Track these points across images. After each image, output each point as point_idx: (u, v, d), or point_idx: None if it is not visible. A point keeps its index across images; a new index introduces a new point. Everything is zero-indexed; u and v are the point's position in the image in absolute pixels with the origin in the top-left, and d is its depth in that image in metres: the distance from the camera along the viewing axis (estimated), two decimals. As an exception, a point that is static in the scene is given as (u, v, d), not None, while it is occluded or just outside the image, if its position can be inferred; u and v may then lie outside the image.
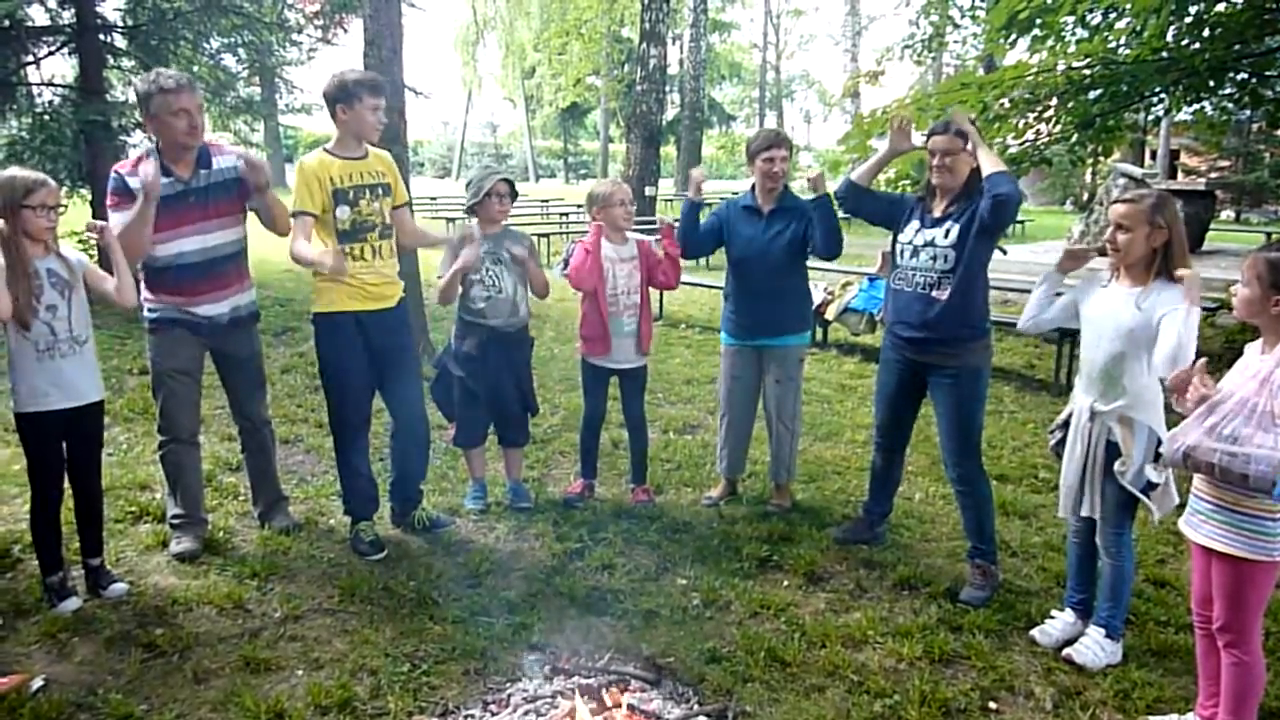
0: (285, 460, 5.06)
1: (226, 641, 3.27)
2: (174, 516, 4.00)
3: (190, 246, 3.81)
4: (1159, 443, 3.07)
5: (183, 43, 10.78)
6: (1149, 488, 3.10)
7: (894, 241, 3.94)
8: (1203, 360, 2.68)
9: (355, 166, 3.90)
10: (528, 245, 4.47)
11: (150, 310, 3.88)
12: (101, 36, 9.70)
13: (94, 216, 9.23)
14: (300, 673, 3.10)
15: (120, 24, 10.14)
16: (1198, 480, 2.71)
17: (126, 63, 10.69)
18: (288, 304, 9.92)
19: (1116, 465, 3.15)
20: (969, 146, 3.69)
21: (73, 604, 3.47)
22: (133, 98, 5.22)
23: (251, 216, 4.08)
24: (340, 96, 3.82)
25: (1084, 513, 3.30)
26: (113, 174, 3.75)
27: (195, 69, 11.28)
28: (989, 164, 3.65)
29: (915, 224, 3.84)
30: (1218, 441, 2.51)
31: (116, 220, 3.65)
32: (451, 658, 3.20)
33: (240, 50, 12.21)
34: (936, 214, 3.79)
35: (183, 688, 2.99)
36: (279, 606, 3.54)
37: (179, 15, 10.21)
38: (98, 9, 9.68)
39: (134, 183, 3.66)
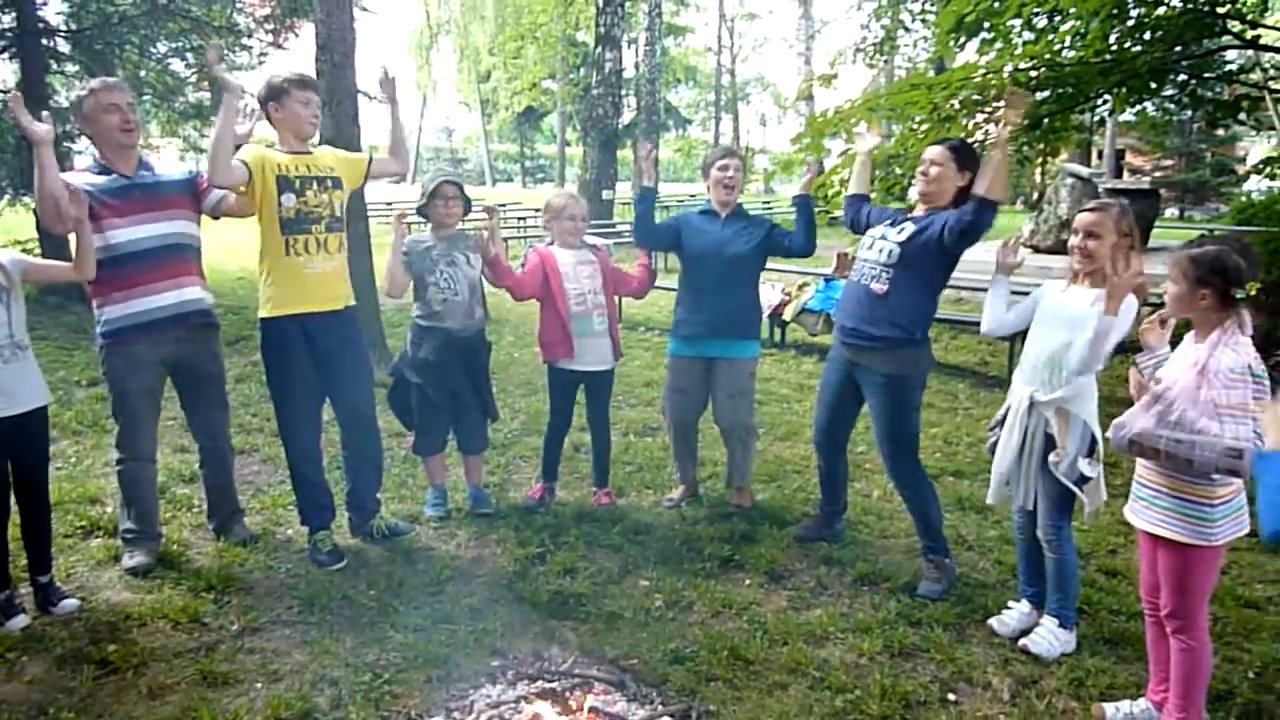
0: (241, 471, 4.98)
1: (182, 656, 3.22)
2: (127, 531, 3.92)
3: (143, 234, 3.74)
4: (1093, 437, 3.15)
5: (128, 47, 10.60)
6: (1082, 480, 3.18)
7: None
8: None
9: (302, 159, 3.89)
10: (479, 240, 4.46)
11: (105, 324, 3.78)
12: (44, 41, 9.50)
13: (36, 225, 9.09)
14: (259, 685, 3.06)
15: (63, 28, 9.94)
16: (1140, 468, 2.79)
17: (70, 68, 10.49)
18: (241, 312, 9.78)
19: (1051, 457, 3.23)
20: (953, 169, 3.67)
21: (20, 621, 3.39)
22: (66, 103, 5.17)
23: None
24: (270, 95, 3.83)
25: (1018, 504, 3.38)
26: None
27: (142, 74, 11.09)
28: (983, 185, 3.53)
29: (887, 222, 3.89)
30: (1164, 428, 2.59)
31: None
32: (414, 665, 3.17)
33: (188, 54, 12.02)
34: (907, 217, 3.85)
35: (137, 704, 2.94)
36: (236, 619, 3.48)
37: (124, 19, 10.04)
38: (39, 13, 9.49)
39: (80, 181, 3.64)
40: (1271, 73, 9.88)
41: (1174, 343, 2.84)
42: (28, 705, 2.91)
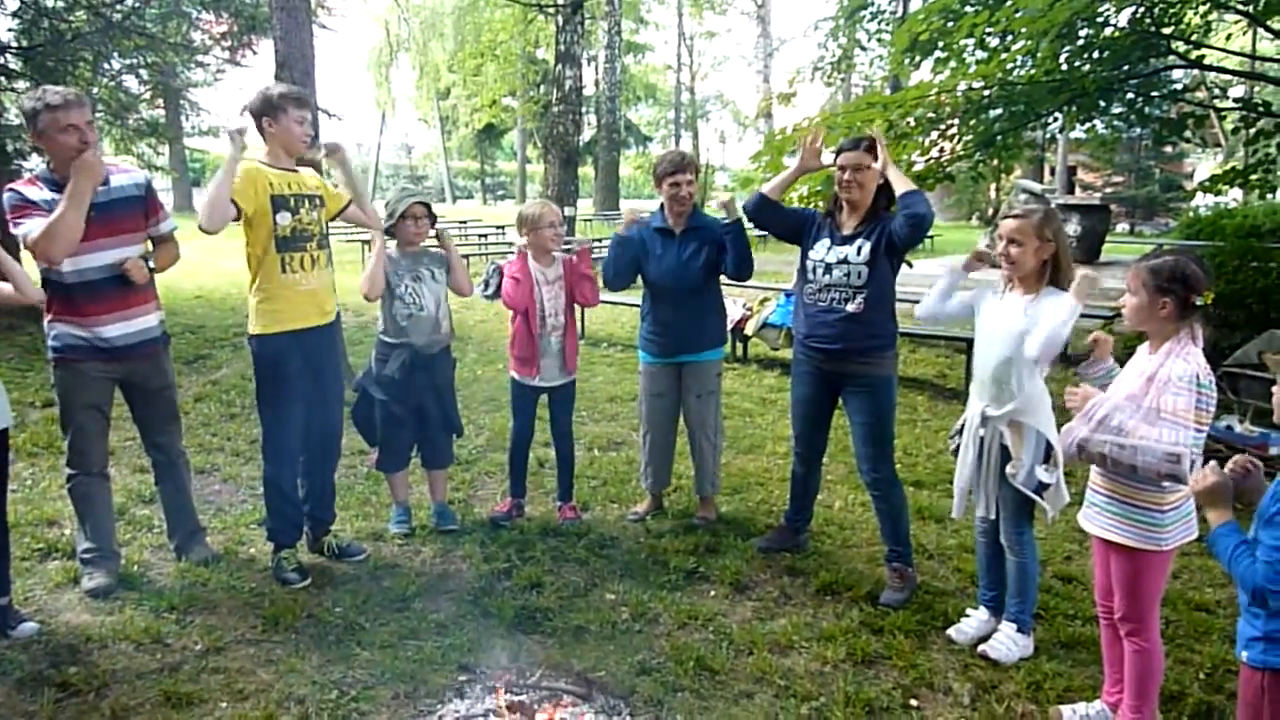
0: (201, 490, 4.94)
1: (145, 677, 3.18)
2: (85, 551, 3.87)
3: (93, 264, 3.68)
4: (1048, 445, 3.24)
5: (81, 64, 10.44)
6: (1041, 488, 3.27)
7: (803, 258, 4.06)
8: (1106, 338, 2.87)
9: (291, 178, 3.91)
10: (444, 257, 4.49)
11: (55, 340, 3.74)
12: (-5, 58, 9.36)
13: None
14: (225, 705, 3.04)
15: (14, 45, 9.78)
16: (1094, 475, 2.88)
17: (21, 84, 10.32)
18: (199, 331, 9.67)
19: (1008, 468, 3.31)
20: (878, 165, 3.83)
21: (-22, 646, 3.34)
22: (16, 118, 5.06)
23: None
24: (265, 110, 3.82)
25: (980, 514, 3.46)
26: (7, 191, 3.60)
27: (95, 91, 10.93)
28: (901, 184, 3.78)
29: (826, 241, 3.96)
30: (1106, 434, 2.67)
31: (26, 227, 3.51)
32: (381, 682, 3.17)
33: (142, 71, 11.89)
34: (846, 231, 3.92)
35: (100, 727, 2.91)
36: (200, 639, 3.45)
37: (78, 36, 9.89)
38: (-10, 30, 9.34)
39: (32, 194, 3.56)
40: (1215, 91, 10.22)
41: (1122, 360, 2.94)
42: (-14, 730, 2.87)
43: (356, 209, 4.24)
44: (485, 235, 19.69)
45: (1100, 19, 7.64)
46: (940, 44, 8.00)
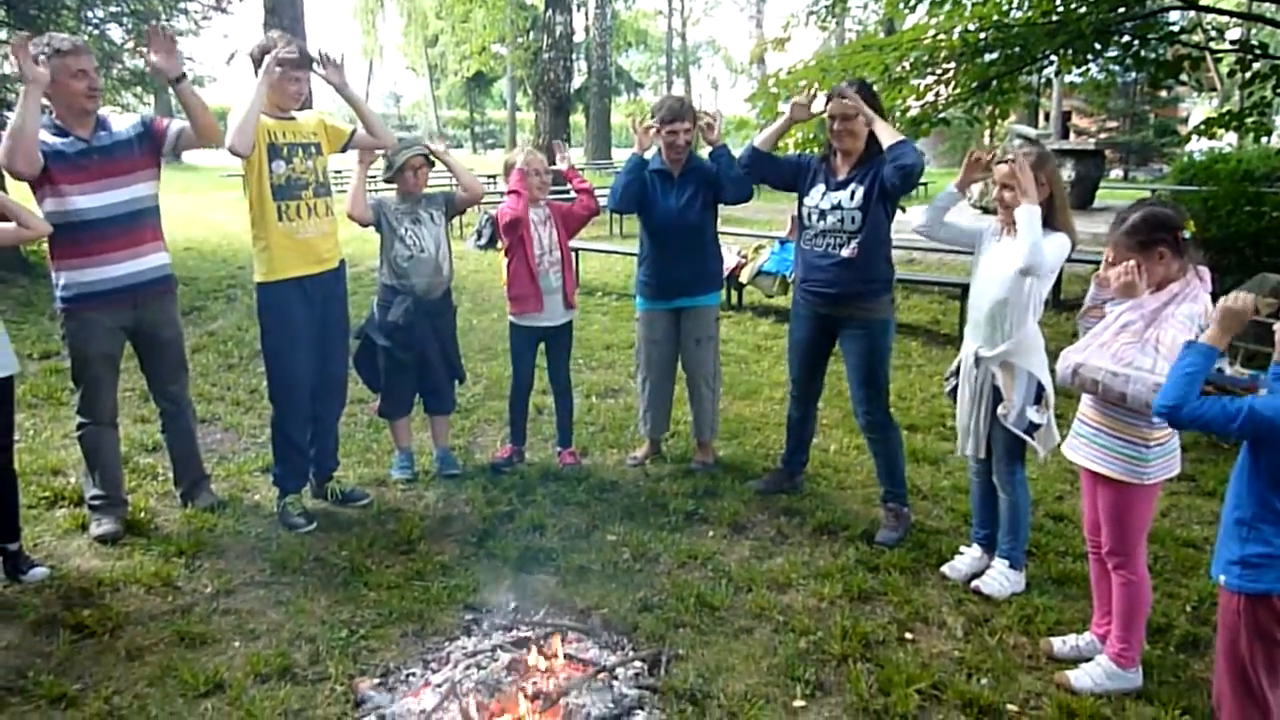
0: (204, 439, 4.96)
1: (158, 619, 3.26)
2: (93, 498, 3.93)
3: (100, 202, 3.70)
4: (1039, 386, 3.29)
5: (65, 12, 10.28)
6: (1031, 428, 3.33)
7: (800, 205, 4.07)
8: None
9: (287, 125, 3.91)
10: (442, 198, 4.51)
11: (64, 290, 3.76)
12: (-24, 6, 9.20)
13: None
14: (237, 644, 3.11)
15: (-4, -8, 9.61)
16: (1083, 405, 2.93)
17: (3, 34, 10.15)
18: (191, 283, 9.64)
19: (1000, 409, 3.36)
20: (861, 118, 3.83)
21: (-9, 589, 3.40)
22: (9, 69, 4.98)
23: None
24: (263, 58, 3.80)
25: (968, 451, 3.52)
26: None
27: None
28: (887, 136, 3.77)
29: (821, 187, 3.97)
30: (1104, 361, 2.71)
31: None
32: (389, 621, 3.24)
33: (126, 20, 11.69)
34: (840, 176, 3.93)
35: (116, 665, 2.98)
36: (209, 582, 3.52)
37: (61, -17, 9.73)
38: (-30, -23, 9.17)
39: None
40: (1212, 33, 10.13)
41: None
42: (5, 669, 2.94)
43: (363, 134, 4.20)
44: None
45: (1098, -41, 7.55)
46: (937, -15, 7.92)
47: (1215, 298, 2.74)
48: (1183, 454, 2.92)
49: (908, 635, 3.23)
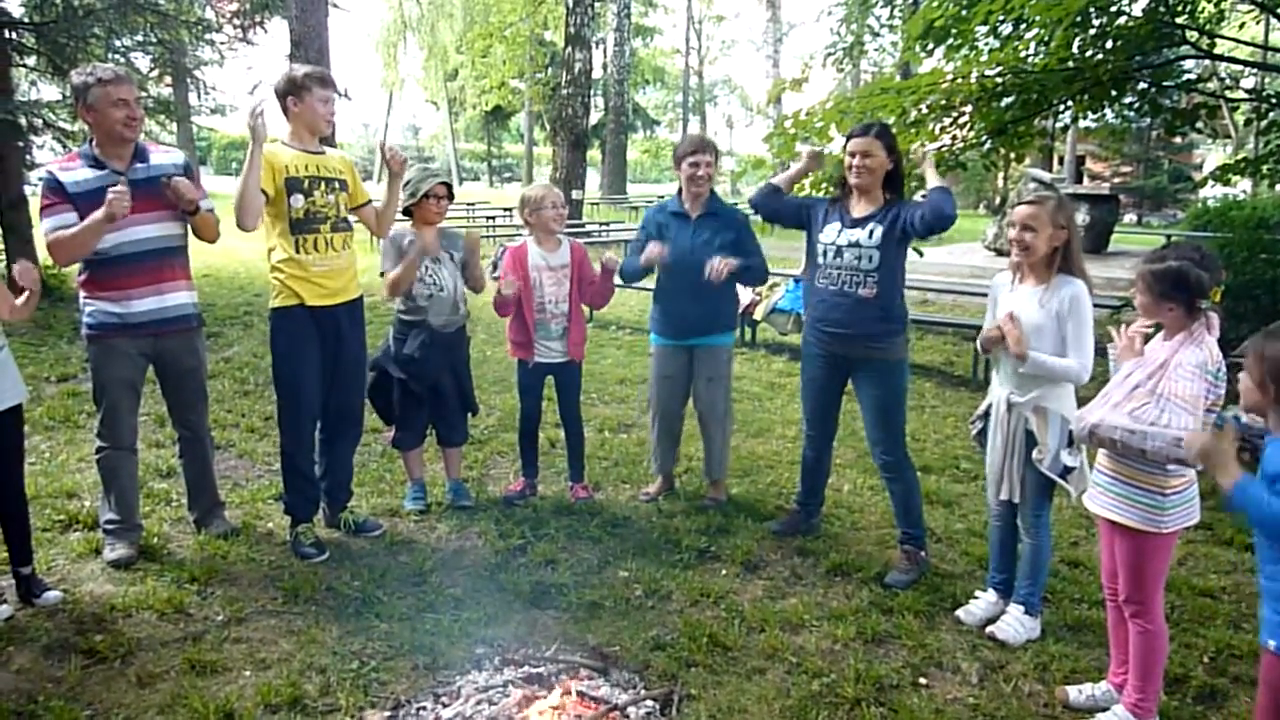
0: (218, 466, 4.95)
1: (169, 645, 3.25)
2: (108, 522, 3.93)
3: (127, 238, 3.73)
4: (1071, 430, 3.28)
5: (93, 40, 10.46)
6: (1066, 471, 3.31)
7: (811, 242, 4.10)
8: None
9: (311, 159, 3.95)
10: (467, 245, 4.51)
11: (89, 317, 3.80)
12: (6, 34, 9.36)
13: (0, 215, 8.97)
14: (248, 673, 3.10)
15: (26, 20, 9.79)
16: (1100, 456, 2.93)
17: (32, 61, 10.34)
18: (208, 309, 9.70)
19: (1034, 454, 3.35)
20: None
21: (4, 612, 3.40)
22: (37, 95, 5.08)
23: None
24: (290, 89, 3.88)
25: (1003, 496, 3.50)
26: (45, 173, 3.69)
27: (106, 68, 10.94)
28: (934, 179, 3.92)
29: (836, 224, 4.00)
30: (1121, 419, 2.71)
31: (48, 225, 3.60)
32: (400, 653, 3.23)
33: (152, 49, 11.89)
34: (856, 214, 3.96)
35: (127, 692, 2.97)
36: (221, 609, 3.52)
37: (90, 12, 9.90)
38: (2, 5, 9.35)
39: (67, 179, 3.63)
40: (1228, 81, 10.18)
41: None
42: (16, 694, 2.93)
43: (371, 213, 4.25)
44: (493, 218, 19.72)
45: (1114, 8, 7.62)
46: (954, 31, 7.97)
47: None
48: (1201, 502, 2.90)
49: (921, 680, 3.19)
